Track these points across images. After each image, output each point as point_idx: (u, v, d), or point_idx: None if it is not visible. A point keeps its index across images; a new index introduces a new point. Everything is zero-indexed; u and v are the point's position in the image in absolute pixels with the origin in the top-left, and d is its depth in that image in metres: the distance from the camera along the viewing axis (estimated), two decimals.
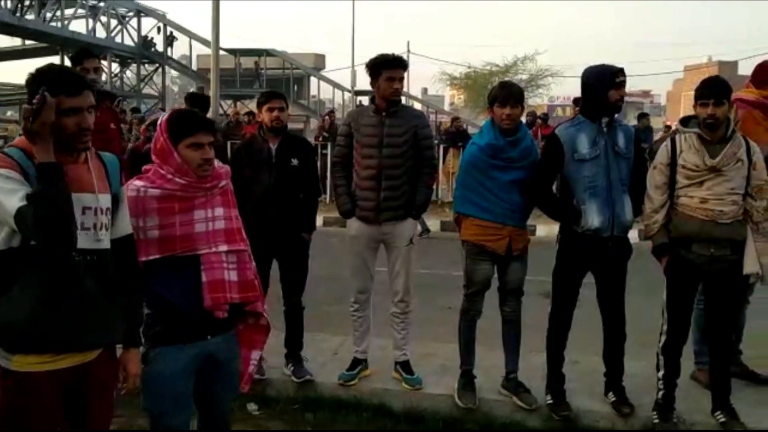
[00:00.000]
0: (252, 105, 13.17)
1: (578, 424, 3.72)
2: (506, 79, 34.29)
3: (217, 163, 2.56)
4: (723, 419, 3.56)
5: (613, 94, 3.56)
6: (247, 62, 33.34)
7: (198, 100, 5.95)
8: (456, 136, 14.30)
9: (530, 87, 32.21)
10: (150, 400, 2.53)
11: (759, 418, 3.66)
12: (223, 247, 2.53)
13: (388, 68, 3.93)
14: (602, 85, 3.58)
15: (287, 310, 4.19)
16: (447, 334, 4.65)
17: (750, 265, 3.45)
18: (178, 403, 2.53)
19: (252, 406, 3.94)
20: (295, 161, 4.08)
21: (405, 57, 4.75)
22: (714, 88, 3.44)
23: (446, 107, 47.42)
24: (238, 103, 28.86)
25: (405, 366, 4.15)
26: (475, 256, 3.78)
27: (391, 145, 3.94)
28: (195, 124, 2.49)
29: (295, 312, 4.19)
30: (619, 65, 3.64)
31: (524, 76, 32.91)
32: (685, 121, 3.60)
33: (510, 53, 49.46)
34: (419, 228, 5.74)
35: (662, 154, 3.57)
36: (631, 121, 15.91)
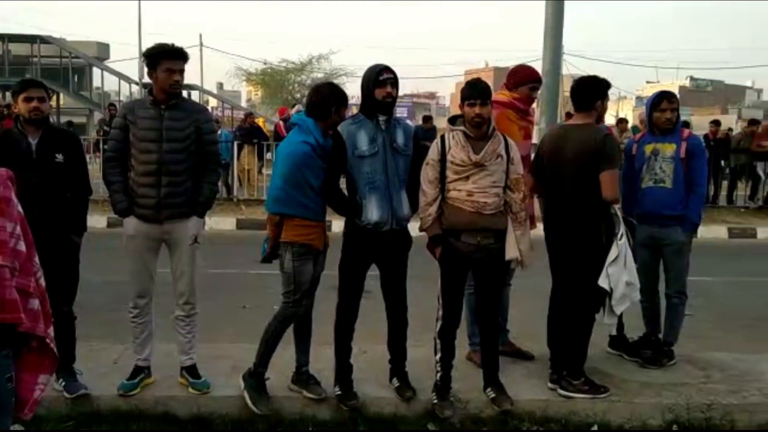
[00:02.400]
0: None
1: (365, 412, 3.83)
2: (303, 76, 34.79)
3: None
4: (493, 395, 3.88)
5: (379, 92, 3.71)
6: (20, 50, 29.98)
7: None
8: (251, 132, 14.08)
9: None
10: None
11: (524, 390, 4.04)
12: None
13: (167, 59, 3.73)
14: (370, 83, 3.72)
15: (56, 321, 3.79)
16: (239, 335, 4.58)
17: (511, 252, 3.79)
18: None
19: (17, 428, 3.54)
20: (60, 157, 3.72)
21: (198, 50, 4.54)
22: (480, 90, 3.72)
23: (243, 103, 46.56)
24: (7, 94, 25.89)
25: (191, 370, 3.99)
26: (301, 257, 3.72)
27: (172, 139, 3.76)
28: None
29: (66, 322, 3.83)
30: (409, 68, 3.82)
31: (320, 75, 33.40)
32: (452, 120, 3.86)
33: (305, 51, 49.82)
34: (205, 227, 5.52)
35: (433, 151, 3.79)
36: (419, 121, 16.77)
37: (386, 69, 3.75)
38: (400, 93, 3.91)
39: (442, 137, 3.82)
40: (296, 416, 3.81)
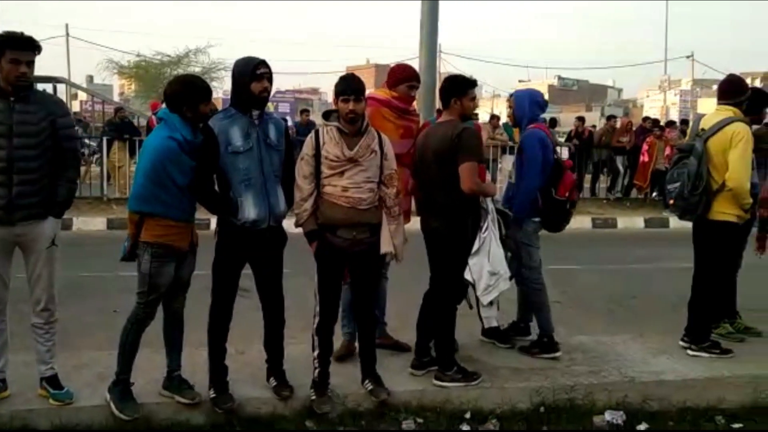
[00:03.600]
0: None
1: (242, 413, 3.76)
2: (180, 69, 33.50)
3: None
4: (371, 387, 3.92)
5: (256, 86, 3.63)
6: None
7: None
8: (121, 127, 13.40)
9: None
10: None
11: (401, 382, 4.11)
12: None
13: (13, 48, 3.44)
14: (245, 77, 3.63)
15: None
16: (109, 341, 4.32)
17: (385, 246, 3.84)
18: None
19: None
20: None
21: (64, 41, 4.21)
22: (354, 86, 3.73)
23: (115, 97, 44.27)
24: None
25: (52, 381, 3.73)
26: (161, 258, 3.55)
27: (24, 134, 3.48)
28: None
29: None
30: (294, 62, 3.75)
31: (197, 69, 32.32)
32: (326, 116, 3.85)
33: (182, 44, 48.04)
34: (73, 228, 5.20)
35: (308, 146, 3.77)
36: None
37: (263, 63, 3.68)
38: (283, 88, 3.87)
39: (317, 132, 3.80)
40: (168, 422, 3.67)
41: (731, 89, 4.69)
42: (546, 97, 5.28)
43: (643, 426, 3.92)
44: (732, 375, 4.35)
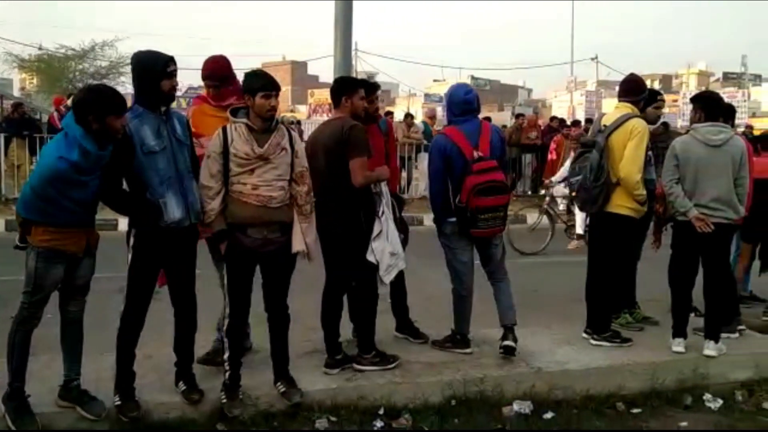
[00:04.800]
0: None
1: (149, 419, 3.64)
2: (86, 64, 32.09)
3: None
4: (283, 388, 3.87)
5: (166, 84, 3.54)
6: None
7: None
8: (20, 124, 12.71)
9: (111, 74, 30.52)
10: None
11: (315, 381, 4.09)
12: None
13: None
14: (155, 74, 3.52)
15: None
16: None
17: (297, 245, 3.81)
18: None
19: None
20: None
21: None
22: (275, 82, 3.71)
23: (16, 92, 41.92)
24: None
25: None
26: (48, 260, 3.38)
27: None
28: None
29: None
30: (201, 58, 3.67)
31: (104, 63, 31.07)
32: (234, 112, 3.77)
33: (88, 38, 46.06)
34: None
35: (215, 144, 3.69)
36: None
37: (172, 60, 3.59)
38: (196, 84, 3.79)
39: (224, 129, 3.72)
40: None
41: (630, 88, 4.94)
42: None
43: (549, 414, 4.07)
44: (631, 363, 4.57)
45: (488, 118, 16.68)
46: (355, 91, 4.24)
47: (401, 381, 4.16)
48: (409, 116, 15.87)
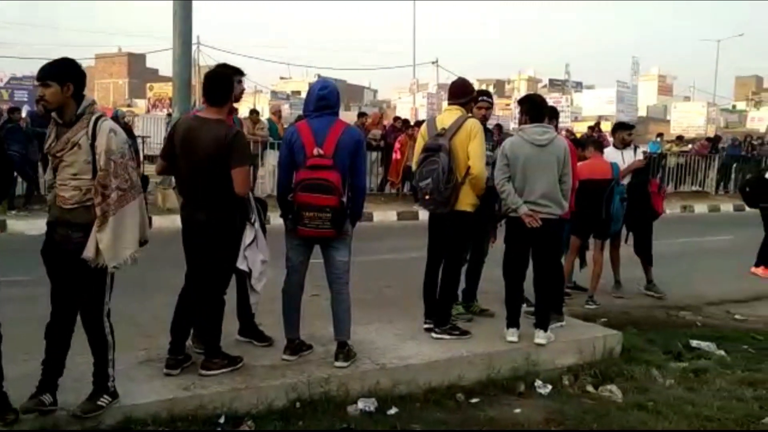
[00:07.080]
0: None
1: None
2: None
3: None
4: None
5: None
6: None
7: None
8: None
9: None
10: None
11: (148, 392, 3.83)
12: None
13: None
14: None
15: None
16: None
17: (87, 250, 3.38)
18: None
19: None
20: None
21: None
22: (42, 69, 3.39)
23: None
24: None
25: None
26: None
27: None
28: None
29: None
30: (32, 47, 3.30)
31: None
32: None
33: None
34: None
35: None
36: None
37: None
38: (20, 74, 3.42)
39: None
40: None
41: (459, 91, 5.17)
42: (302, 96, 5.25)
43: (393, 410, 4.11)
44: (469, 354, 4.75)
45: None
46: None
47: (243, 386, 4.00)
48: (254, 113, 15.52)
